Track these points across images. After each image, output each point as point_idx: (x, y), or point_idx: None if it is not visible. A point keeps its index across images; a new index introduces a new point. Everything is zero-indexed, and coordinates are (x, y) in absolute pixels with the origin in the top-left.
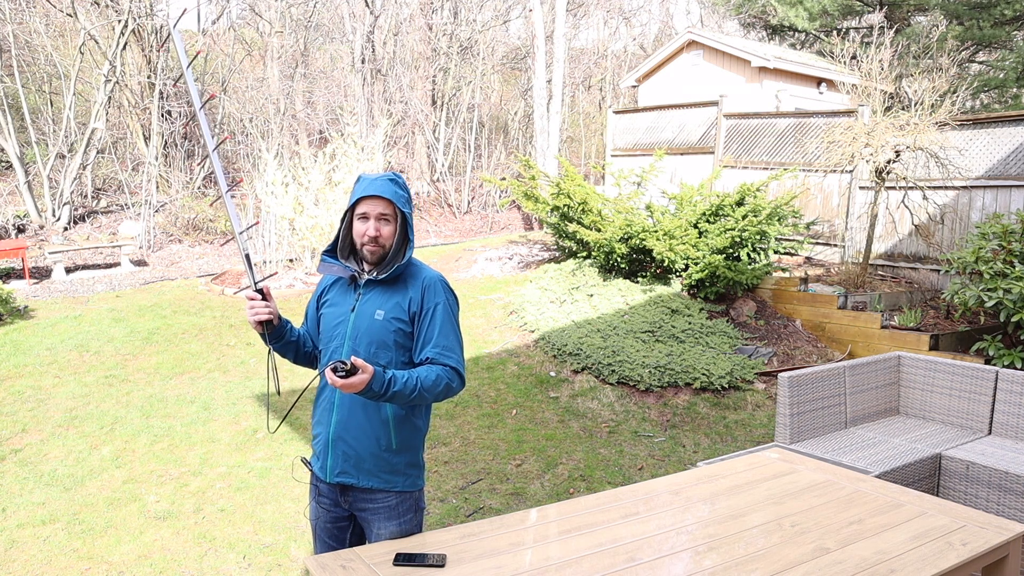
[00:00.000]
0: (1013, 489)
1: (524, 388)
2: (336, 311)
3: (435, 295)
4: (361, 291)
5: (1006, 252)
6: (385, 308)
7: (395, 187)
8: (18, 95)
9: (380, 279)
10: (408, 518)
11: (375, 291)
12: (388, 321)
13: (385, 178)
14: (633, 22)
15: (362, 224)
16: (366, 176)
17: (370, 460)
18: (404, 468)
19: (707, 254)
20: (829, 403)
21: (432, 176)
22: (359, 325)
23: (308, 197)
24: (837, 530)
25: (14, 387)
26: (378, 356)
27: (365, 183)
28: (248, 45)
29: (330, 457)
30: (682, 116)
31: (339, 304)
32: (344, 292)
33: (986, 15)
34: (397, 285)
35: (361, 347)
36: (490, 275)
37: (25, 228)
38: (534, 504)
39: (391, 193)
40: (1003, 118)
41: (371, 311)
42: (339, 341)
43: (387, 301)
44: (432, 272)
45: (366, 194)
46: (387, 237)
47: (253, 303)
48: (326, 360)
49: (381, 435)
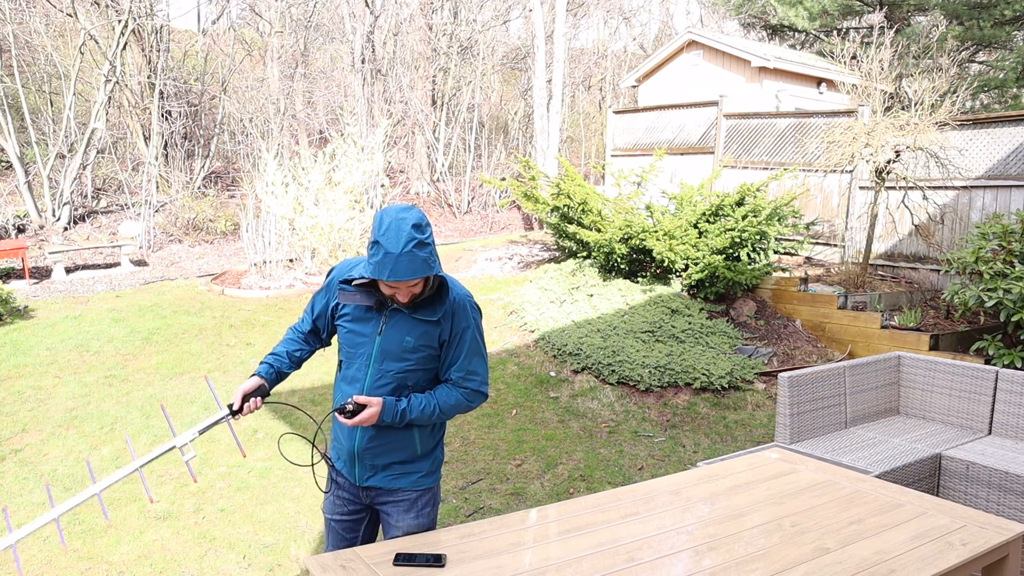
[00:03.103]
0: (1013, 489)
1: (524, 388)
2: (359, 329)
3: (464, 319)
4: (388, 315)
5: (1006, 252)
6: (415, 335)
7: (420, 255)
8: (18, 95)
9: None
10: (426, 512)
11: (402, 315)
12: (418, 348)
13: (410, 248)
14: (633, 22)
15: (390, 289)
16: (387, 243)
17: (398, 467)
18: (428, 469)
19: (707, 254)
20: (829, 403)
21: (432, 176)
22: (387, 349)
23: (308, 197)
24: (837, 530)
25: (14, 387)
26: (406, 379)
27: (389, 262)
28: (248, 45)
29: (357, 467)
30: (682, 116)
31: (362, 322)
32: (366, 311)
33: (986, 15)
34: (431, 309)
35: (389, 370)
36: (490, 275)
37: (25, 228)
38: (534, 504)
39: (421, 270)
40: (1003, 118)
41: (399, 337)
42: (363, 361)
43: (417, 327)
44: (460, 291)
45: (393, 280)
46: (418, 291)
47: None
48: (351, 372)
49: (407, 445)
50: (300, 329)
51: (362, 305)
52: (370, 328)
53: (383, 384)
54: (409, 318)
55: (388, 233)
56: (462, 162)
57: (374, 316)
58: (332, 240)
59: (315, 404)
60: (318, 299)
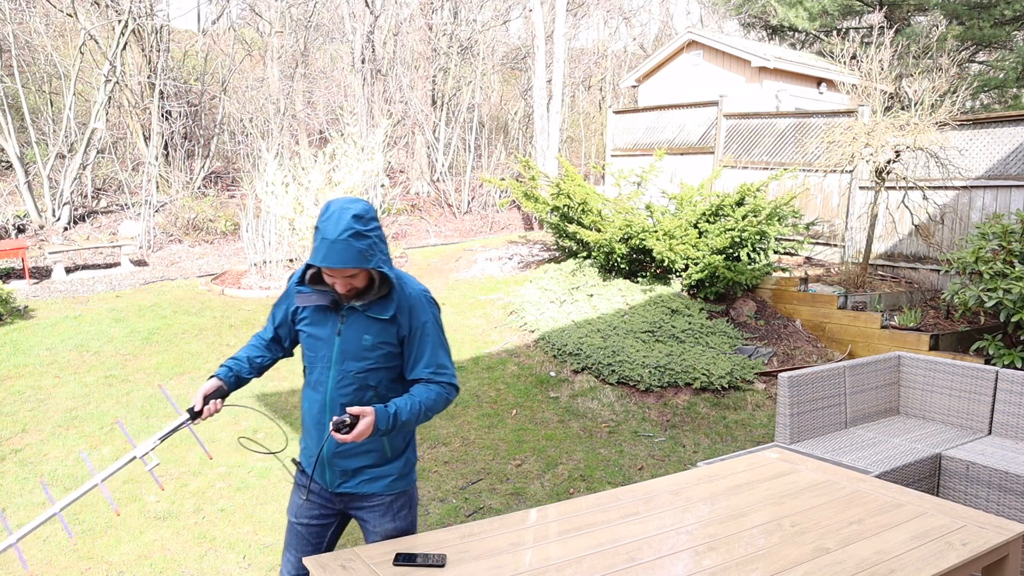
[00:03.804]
0: (1013, 489)
1: (524, 388)
2: (318, 332)
3: (422, 313)
4: (344, 314)
5: (1006, 252)
6: (372, 332)
7: (357, 245)
8: (18, 95)
9: (368, 314)
10: (403, 514)
11: (359, 314)
12: (377, 345)
13: (346, 236)
14: (633, 22)
15: (329, 278)
16: (325, 229)
17: (368, 471)
18: (400, 471)
19: (707, 254)
20: (829, 403)
21: (432, 176)
22: (346, 349)
23: (308, 197)
24: (837, 530)
25: (14, 387)
26: (368, 378)
27: (324, 247)
28: (248, 45)
29: (328, 473)
30: (682, 116)
31: (320, 325)
32: (323, 313)
33: (986, 15)
34: (382, 307)
35: (350, 370)
36: (490, 275)
37: (25, 228)
38: (534, 504)
39: (353, 260)
40: (1003, 118)
41: (357, 336)
42: (324, 363)
43: (373, 325)
44: (415, 287)
45: (324, 266)
46: (360, 283)
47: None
48: (314, 376)
49: (376, 447)
50: (262, 336)
51: (320, 306)
52: (328, 330)
53: (346, 385)
54: (365, 317)
55: (329, 220)
56: (462, 162)
57: (331, 317)
58: None
59: None
60: (279, 306)
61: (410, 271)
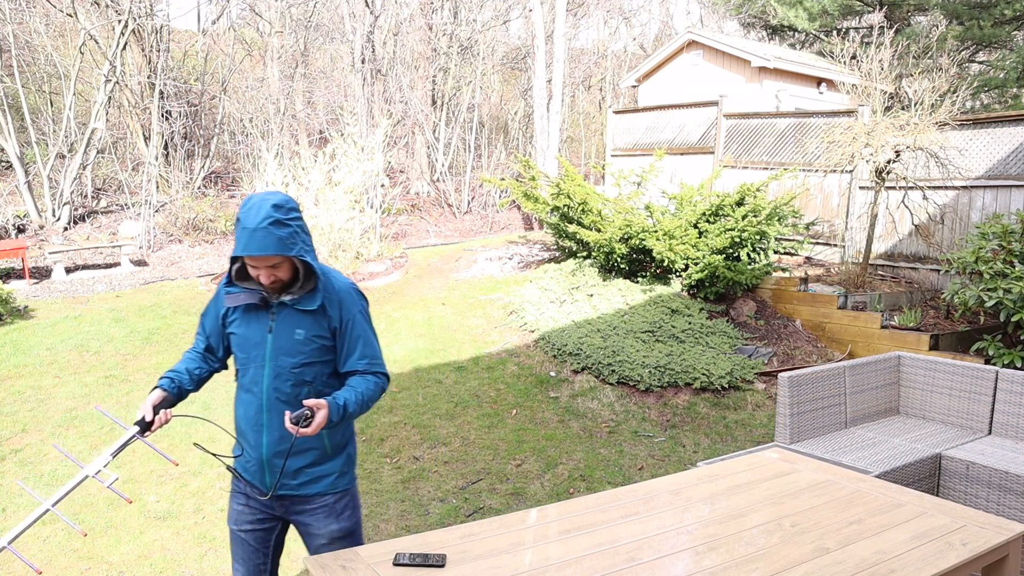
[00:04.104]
0: (1013, 489)
1: (524, 388)
2: (249, 331)
3: (352, 305)
4: (275, 310)
5: (1006, 252)
6: (304, 326)
7: (277, 232)
8: (18, 95)
9: (296, 307)
10: (347, 515)
11: (289, 310)
12: (310, 339)
13: (265, 224)
14: (633, 22)
15: (253, 270)
16: (245, 219)
17: (308, 471)
18: (341, 468)
19: (707, 254)
20: (829, 403)
21: (432, 176)
22: (280, 345)
23: (308, 197)
24: (837, 530)
25: (14, 387)
26: (303, 373)
27: (244, 236)
28: (248, 45)
29: (267, 475)
30: (682, 116)
31: (251, 324)
32: (253, 312)
33: (986, 15)
34: (312, 300)
35: (285, 366)
36: (490, 275)
37: (25, 228)
38: (534, 504)
39: (273, 247)
40: (1003, 118)
41: (290, 331)
42: (259, 362)
43: (305, 319)
44: (342, 281)
45: (245, 254)
46: (284, 275)
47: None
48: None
49: (316, 445)
50: (196, 349)
51: (250, 306)
52: (260, 328)
53: (283, 381)
54: (295, 311)
55: (249, 211)
56: (462, 162)
57: (262, 315)
58: (332, 240)
59: None
60: (207, 316)
61: (410, 271)
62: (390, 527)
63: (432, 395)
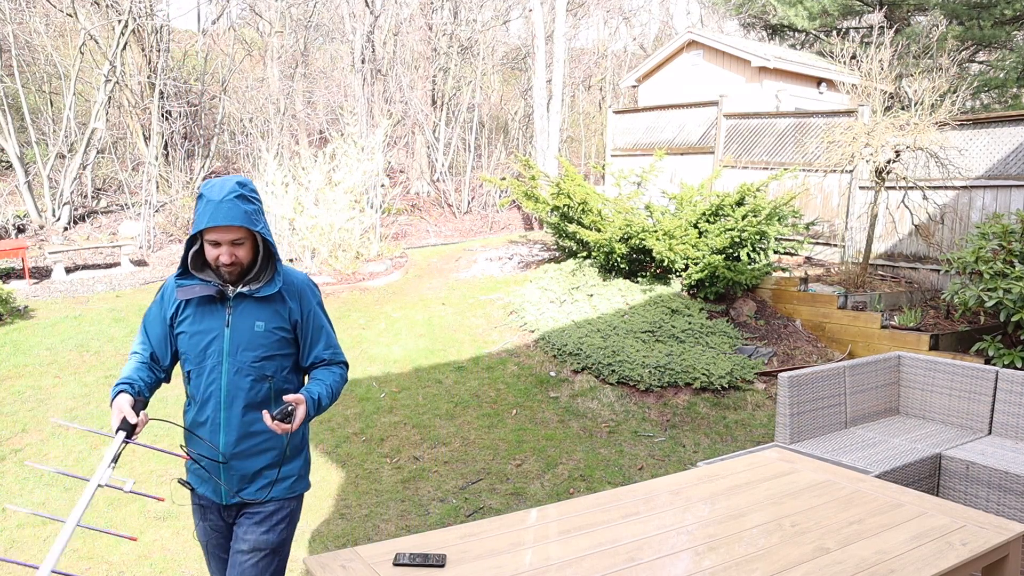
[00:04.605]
0: (1013, 489)
1: (524, 388)
2: (205, 328)
3: (311, 297)
4: (232, 303)
5: (1006, 252)
6: (264, 318)
7: (243, 206)
8: (18, 95)
9: (256, 295)
10: (281, 528)
11: (247, 302)
12: (270, 331)
13: (231, 197)
14: (633, 22)
15: (213, 249)
16: (209, 194)
17: (268, 473)
18: (299, 470)
19: (707, 254)
20: (829, 403)
21: (432, 176)
22: (238, 339)
23: (308, 197)
24: (837, 530)
25: (14, 387)
26: (264, 368)
27: (210, 208)
28: (248, 45)
29: (224, 480)
30: (682, 116)
31: (205, 319)
32: (208, 307)
33: (986, 15)
34: (271, 286)
35: (245, 360)
36: (490, 275)
37: (25, 228)
38: (534, 504)
39: (240, 218)
40: (1003, 118)
41: (249, 323)
42: (216, 359)
43: (264, 310)
44: (298, 274)
45: (212, 224)
46: (244, 257)
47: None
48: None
49: (275, 445)
50: (141, 359)
51: (204, 300)
52: (217, 322)
53: (243, 377)
54: (254, 303)
55: (213, 187)
56: (462, 162)
57: (217, 309)
58: (332, 240)
59: None
60: (152, 317)
61: (410, 271)
62: (390, 527)
63: (432, 395)
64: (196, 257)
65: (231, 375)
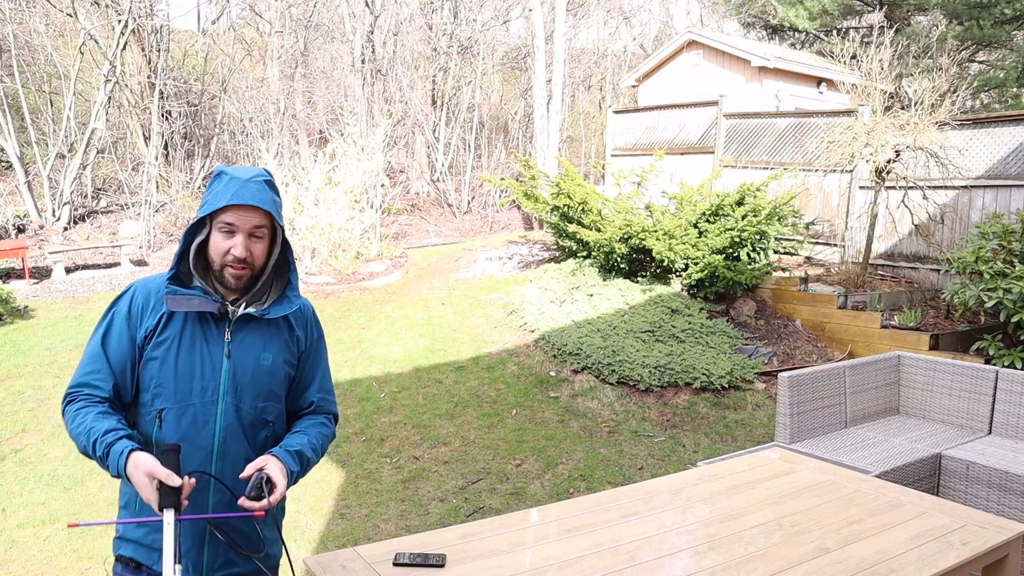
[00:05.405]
0: (1013, 489)
1: (524, 388)
2: (196, 356)
3: (317, 327)
4: (232, 328)
5: (1006, 252)
6: (273, 348)
7: (272, 193)
8: (18, 95)
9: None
10: None
11: (252, 326)
12: (279, 366)
13: (260, 180)
14: (633, 22)
15: (226, 239)
16: (233, 172)
17: (255, 537)
18: (278, 534)
19: (707, 254)
20: (829, 403)
21: (432, 176)
22: (241, 376)
23: (308, 197)
24: (837, 530)
25: (14, 387)
26: (267, 411)
27: (234, 185)
28: (248, 45)
29: (207, 552)
30: (682, 116)
31: (196, 346)
32: (201, 328)
33: (986, 15)
34: (281, 306)
35: (245, 404)
36: (490, 275)
37: (25, 228)
38: (534, 504)
39: (269, 202)
40: (1003, 118)
41: (254, 355)
42: (209, 397)
43: (273, 339)
44: (303, 298)
45: (237, 202)
46: (259, 257)
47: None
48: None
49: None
50: (99, 393)
51: (199, 317)
52: (214, 350)
53: (241, 422)
54: (260, 328)
55: (238, 169)
56: (462, 162)
57: (214, 332)
58: (332, 240)
59: None
60: (115, 335)
61: (410, 271)
62: (390, 527)
63: (432, 395)
64: (195, 257)
65: (227, 418)
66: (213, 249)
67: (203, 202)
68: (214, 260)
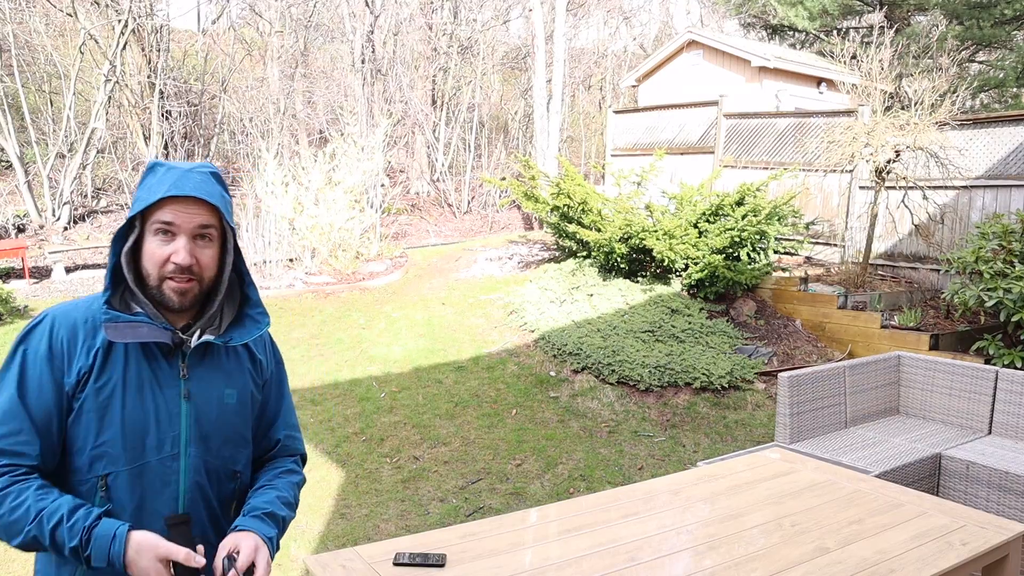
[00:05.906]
0: (1013, 489)
1: (524, 388)
2: (145, 402)
3: (275, 349)
4: (186, 363)
5: (1006, 252)
6: (237, 385)
7: (219, 187)
8: (18, 95)
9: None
10: None
11: (210, 359)
12: (244, 404)
13: (204, 171)
14: (633, 22)
15: (163, 244)
16: (168, 163)
17: None
18: None
19: (707, 254)
20: (829, 403)
21: (432, 176)
22: (204, 421)
23: (308, 197)
24: (837, 530)
25: None
26: (235, 461)
27: (172, 175)
28: (248, 45)
29: None
30: (682, 116)
31: (145, 388)
32: (147, 365)
33: (986, 15)
34: (237, 328)
35: (211, 455)
36: (490, 275)
37: (25, 228)
38: (534, 504)
39: (216, 196)
40: (1003, 118)
41: (216, 393)
42: (168, 452)
43: (235, 372)
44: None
45: (176, 193)
46: (207, 267)
47: None
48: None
49: None
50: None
51: (146, 349)
52: (167, 392)
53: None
54: (220, 358)
55: (173, 163)
56: (462, 162)
57: (166, 370)
58: (332, 240)
59: (315, 404)
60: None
61: (410, 271)
62: (390, 527)
63: (432, 395)
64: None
65: (193, 476)
66: (147, 259)
67: (134, 199)
68: (149, 273)
